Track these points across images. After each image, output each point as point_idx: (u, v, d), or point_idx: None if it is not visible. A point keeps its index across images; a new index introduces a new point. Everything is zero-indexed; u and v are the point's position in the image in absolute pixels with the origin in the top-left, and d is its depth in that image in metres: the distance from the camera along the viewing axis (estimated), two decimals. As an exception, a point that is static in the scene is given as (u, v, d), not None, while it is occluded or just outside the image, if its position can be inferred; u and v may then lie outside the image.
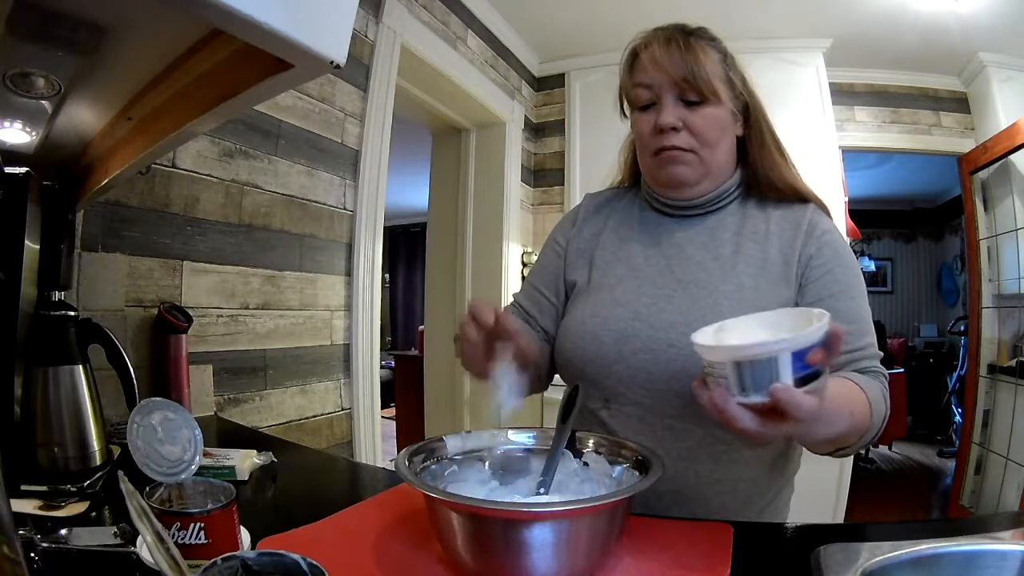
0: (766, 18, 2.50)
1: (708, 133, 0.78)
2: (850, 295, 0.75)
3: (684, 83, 0.76)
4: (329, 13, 0.57)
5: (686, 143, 0.78)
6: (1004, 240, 2.82)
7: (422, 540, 0.60)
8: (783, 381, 0.48)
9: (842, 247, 0.79)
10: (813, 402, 0.48)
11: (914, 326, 5.90)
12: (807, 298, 0.76)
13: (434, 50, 2.18)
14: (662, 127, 0.77)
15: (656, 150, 0.79)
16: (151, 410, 0.55)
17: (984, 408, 2.87)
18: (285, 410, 1.61)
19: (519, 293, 0.95)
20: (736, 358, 0.50)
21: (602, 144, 2.82)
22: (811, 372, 0.49)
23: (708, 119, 0.77)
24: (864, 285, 0.78)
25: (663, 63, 0.76)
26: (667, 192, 0.84)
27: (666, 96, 0.77)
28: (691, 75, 0.76)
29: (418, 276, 6.96)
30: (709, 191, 0.82)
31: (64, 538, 0.57)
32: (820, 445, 0.66)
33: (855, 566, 0.52)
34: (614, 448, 0.67)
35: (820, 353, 0.49)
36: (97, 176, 0.92)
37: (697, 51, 0.77)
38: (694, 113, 0.77)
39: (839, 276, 0.76)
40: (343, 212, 1.81)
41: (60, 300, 0.84)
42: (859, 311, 0.75)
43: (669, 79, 0.76)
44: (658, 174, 0.82)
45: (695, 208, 0.83)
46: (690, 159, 0.78)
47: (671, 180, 0.81)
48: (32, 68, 0.68)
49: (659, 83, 0.77)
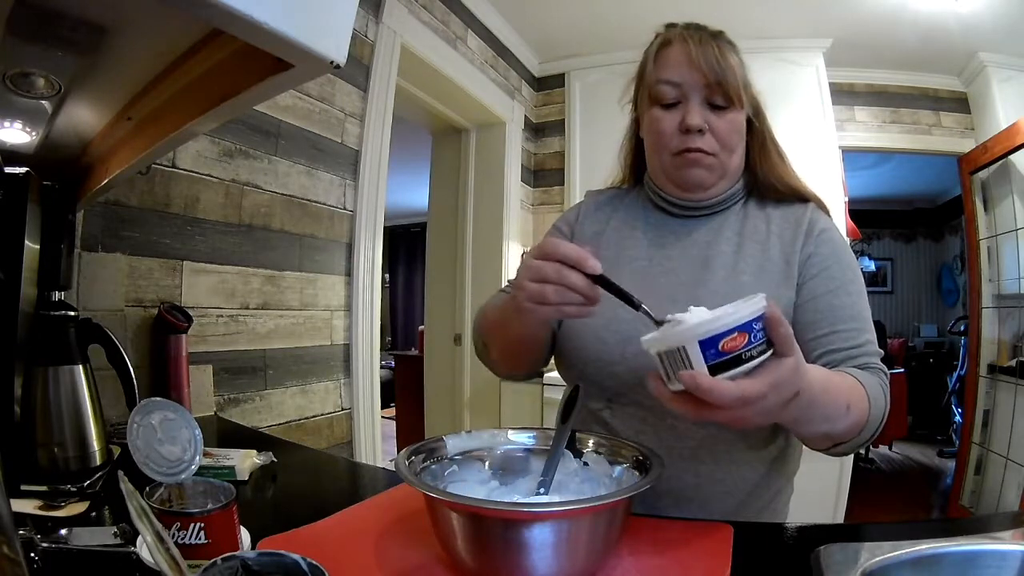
0: (766, 18, 2.50)
1: (730, 138, 0.78)
2: (847, 291, 0.75)
3: (716, 86, 0.75)
4: (329, 13, 0.57)
5: (710, 146, 0.77)
6: (1004, 240, 2.82)
7: (422, 540, 0.60)
8: (695, 368, 0.47)
9: (840, 244, 0.79)
10: (733, 388, 0.46)
11: (914, 326, 5.90)
12: (803, 295, 0.75)
13: (434, 50, 2.18)
14: (690, 128, 0.76)
15: (679, 151, 0.78)
16: (151, 410, 0.55)
17: (984, 408, 2.87)
18: (285, 410, 1.61)
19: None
20: (655, 349, 0.50)
21: (602, 144, 2.82)
22: (728, 358, 0.47)
23: (732, 124, 0.77)
24: (863, 283, 0.78)
25: (699, 64, 0.75)
26: (681, 193, 0.83)
27: (693, 97, 0.77)
28: (723, 79, 0.75)
29: (418, 276, 6.96)
30: (720, 193, 0.82)
31: (64, 538, 0.57)
32: (817, 440, 0.65)
33: (855, 566, 0.52)
34: (614, 448, 0.66)
35: (739, 338, 0.47)
36: (97, 176, 0.92)
37: (728, 55, 0.77)
38: (719, 117, 0.77)
39: (835, 273, 0.76)
40: (343, 212, 1.81)
41: (60, 300, 0.84)
42: (857, 308, 0.75)
43: (702, 81, 0.76)
44: (677, 175, 0.81)
45: (703, 209, 0.83)
46: (711, 163, 0.78)
47: (691, 183, 0.81)
48: (32, 68, 0.68)
49: (689, 83, 0.76)
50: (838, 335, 0.72)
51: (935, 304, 5.90)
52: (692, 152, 0.77)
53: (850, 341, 0.72)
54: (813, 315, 0.74)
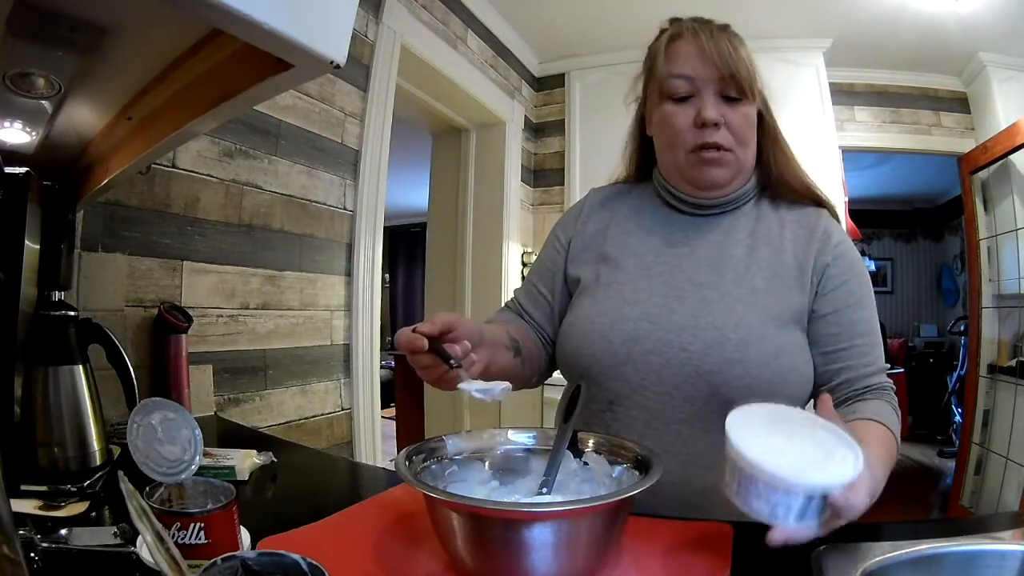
0: (766, 18, 2.50)
1: (745, 132, 0.77)
2: (862, 305, 0.77)
3: (730, 79, 0.74)
4: (329, 13, 0.57)
5: (726, 141, 0.76)
6: (1004, 240, 2.82)
7: (422, 540, 0.60)
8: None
9: (855, 258, 0.80)
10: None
11: (914, 326, 5.90)
12: (823, 308, 0.76)
13: (434, 50, 2.17)
14: (706, 121, 0.75)
15: (695, 147, 0.77)
16: (151, 410, 0.55)
17: (984, 408, 2.87)
18: (285, 410, 1.61)
19: (519, 289, 0.94)
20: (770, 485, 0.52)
21: (602, 144, 2.82)
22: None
23: (746, 117, 0.76)
24: (873, 294, 0.80)
25: (712, 56, 0.74)
26: (696, 192, 0.82)
27: (706, 90, 0.75)
28: (736, 71, 0.74)
29: (418, 276, 6.96)
30: (735, 191, 0.81)
31: (64, 538, 0.57)
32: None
33: (855, 566, 0.52)
34: (614, 448, 0.66)
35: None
36: (97, 176, 0.92)
37: (738, 47, 0.76)
38: (733, 110, 0.76)
39: (854, 288, 0.77)
40: (343, 212, 1.81)
41: (60, 300, 0.84)
42: (871, 322, 0.77)
43: (715, 73, 0.74)
44: (692, 173, 0.79)
45: (714, 208, 0.82)
46: (729, 159, 0.77)
47: (708, 181, 0.79)
48: (32, 68, 0.68)
49: (703, 76, 0.75)
50: (855, 349, 0.75)
51: (935, 304, 5.90)
52: (708, 148, 0.76)
53: (864, 357, 0.75)
54: (835, 328, 0.76)
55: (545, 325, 0.89)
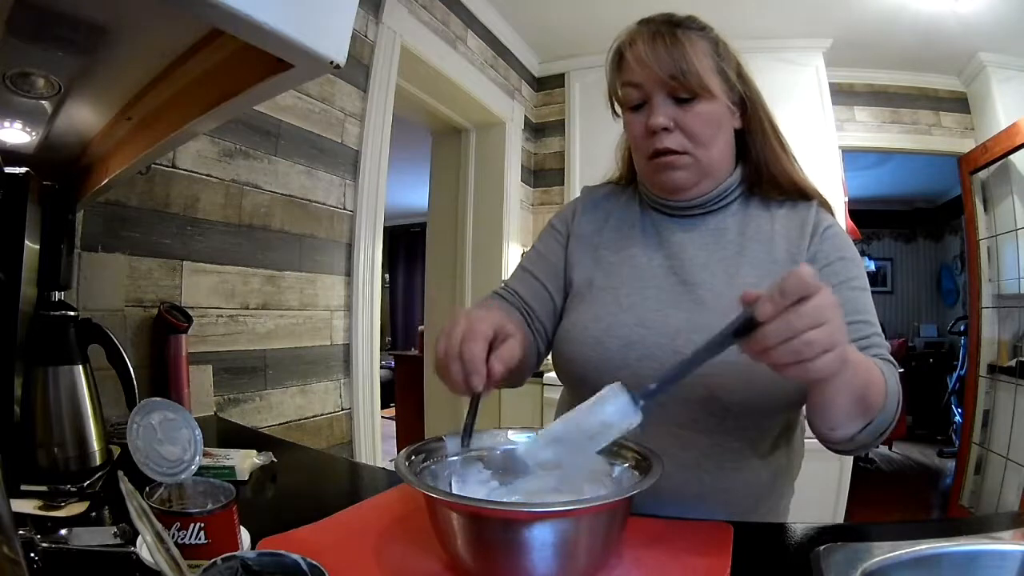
0: (766, 18, 2.50)
1: (702, 132, 0.75)
2: (851, 286, 0.74)
3: (673, 81, 0.73)
4: (329, 13, 0.57)
5: (679, 144, 0.75)
6: (1004, 240, 2.82)
7: (422, 540, 0.60)
8: None
9: (844, 241, 0.78)
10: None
11: (914, 326, 5.90)
12: None
13: (434, 50, 2.18)
14: (653, 128, 0.74)
15: (650, 154, 0.77)
16: (151, 410, 0.55)
17: (984, 408, 2.87)
18: (285, 410, 1.61)
19: (511, 279, 0.91)
20: None
21: (602, 144, 2.81)
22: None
23: (701, 117, 0.75)
24: (867, 279, 0.77)
25: (649, 61, 0.73)
26: (667, 195, 0.82)
27: (656, 95, 0.74)
28: (679, 72, 0.72)
29: (418, 276, 6.96)
30: (708, 190, 0.80)
31: (64, 538, 0.57)
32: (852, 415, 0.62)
33: (855, 566, 0.52)
34: (614, 448, 0.66)
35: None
36: (97, 176, 0.92)
37: (685, 44, 0.73)
38: (686, 112, 0.74)
39: (839, 268, 0.75)
40: (343, 212, 1.81)
41: (60, 300, 0.84)
42: (862, 302, 0.74)
43: (657, 78, 0.73)
44: (654, 179, 0.80)
45: (695, 209, 0.81)
46: (685, 162, 0.76)
47: (667, 186, 0.79)
48: (32, 68, 0.68)
49: (647, 82, 0.74)
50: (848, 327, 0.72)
51: (935, 304, 5.89)
52: (661, 155, 0.76)
53: (857, 334, 0.71)
54: None
55: (547, 323, 0.87)
